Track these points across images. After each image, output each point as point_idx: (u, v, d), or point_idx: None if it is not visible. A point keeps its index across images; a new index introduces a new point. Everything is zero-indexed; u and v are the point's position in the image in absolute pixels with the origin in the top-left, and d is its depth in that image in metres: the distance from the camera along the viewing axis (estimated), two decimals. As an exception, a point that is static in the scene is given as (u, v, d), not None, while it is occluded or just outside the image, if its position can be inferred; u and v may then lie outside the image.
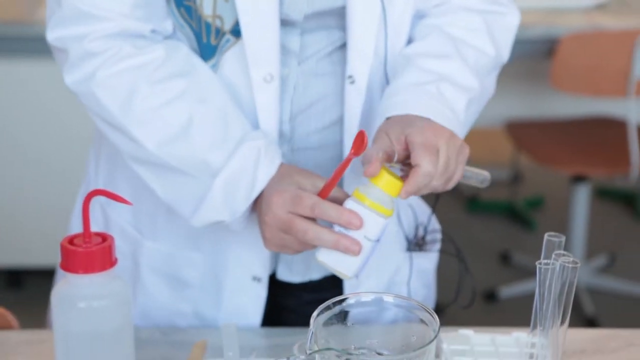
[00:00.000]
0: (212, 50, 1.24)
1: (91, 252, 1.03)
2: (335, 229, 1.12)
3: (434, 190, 1.16)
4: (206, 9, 1.21)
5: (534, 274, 1.06)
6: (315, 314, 0.95)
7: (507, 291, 3.34)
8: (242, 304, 1.33)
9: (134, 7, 1.20)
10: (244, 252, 1.31)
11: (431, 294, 1.47)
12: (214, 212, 1.21)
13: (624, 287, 3.43)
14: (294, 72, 1.27)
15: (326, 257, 1.13)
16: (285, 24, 1.24)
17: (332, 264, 1.13)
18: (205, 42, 1.24)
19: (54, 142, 3.07)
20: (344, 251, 1.12)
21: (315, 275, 1.36)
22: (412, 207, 1.39)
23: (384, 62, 1.28)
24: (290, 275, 1.37)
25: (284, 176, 1.18)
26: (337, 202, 1.15)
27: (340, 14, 1.25)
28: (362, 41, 1.24)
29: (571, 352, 1.26)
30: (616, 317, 3.26)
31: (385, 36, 1.26)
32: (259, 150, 1.20)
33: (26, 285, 3.31)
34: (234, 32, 1.22)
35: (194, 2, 1.21)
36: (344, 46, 1.27)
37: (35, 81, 2.97)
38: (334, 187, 1.14)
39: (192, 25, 1.23)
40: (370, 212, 1.11)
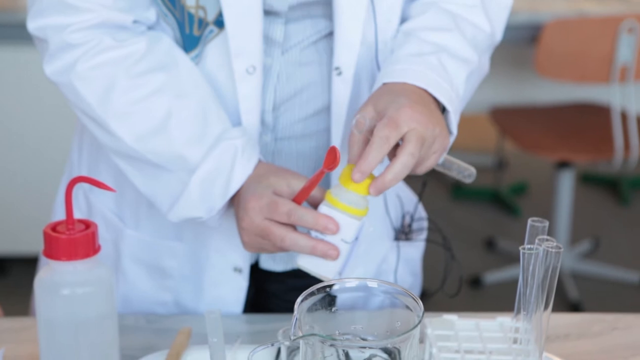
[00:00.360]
0: (195, 41, 1.23)
1: (74, 239, 1.03)
2: (312, 233, 1.12)
3: (402, 171, 1.10)
4: (189, 0, 1.21)
5: (518, 259, 1.06)
6: (299, 299, 0.95)
7: (491, 277, 3.35)
8: (223, 294, 1.33)
9: None
10: (225, 243, 1.30)
11: (417, 281, 1.47)
12: (190, 209, 1.21)
13: (608, 272, 3.45)
14: (277, 61, 1.26)
15: (306, 262, 1.14)
16: (268, 13, 1.23)
17: (312, 268, 1.14)
18: (188, 32, 1.23)
19: (38, 130, 3.05)
20: (322, 256, 1.12)
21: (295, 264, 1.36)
22: (399, 197, 1.39)
23: (375, 53, 1.27)
24: (273, 264, 1.37)
25: (259, 177, 1.17)
26: (315, 202, 1.15)
27: (326, 3, 1.24)
28: (349, 32, 1.23)
29: (555, 336, 1.27)
30: (600, 302, 3.28)
31: (375, 26, 1.25)
32: (236, 148, 1.19)
33: (11, 273, 3.31)
34: (218, 23, 1.21)
35: None
36: (330, 34, 1.26)
37: (18, 68, 2.96)
38: (308, 195, 1.14)
39: (175, 14, 1.22)
40: (344, 215, 1.11)
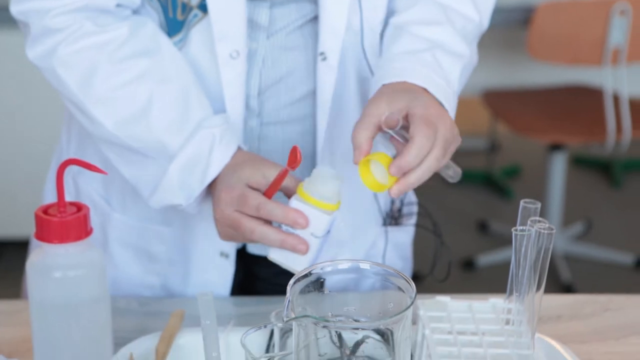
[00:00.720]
0: (179, 25, 1.22)
1: (66, 222, 1.03)
2: (282, 227, 1.12)
3: (425, 174, 1.11)
4: None
5: (510, 242, 1.06)
6: (291, 281, 0.95)
7: (484, 259, 3.36)
8: (209, 279, 1.33)
9: None
10: (212, 228, 1.30)
11: (408, 265, 1.47)
12: (170, 195, 1.21)
13: (600, 254, 3.46)
14: (262, 45, 1.25)
15: (276, 255, 1.14)
16: None
17: (282, 261, 1.14)
18: (171, 16, 1.22)
19: (28, 114, 3.04)
20: (291, 250, 1.12)
21: None
22: None
23: (361, 38, 1.26)
24: (261, 248, 1.37)
25: (235, 167, 1.17)
26: (288, 193, 1.15)
27: None
28: (334, 17, 1.22)
29: (547, 317, 1.27)
30: (592, 283, 3.29)
31: (360, 11, 1.24)
32: (214, 136, 1.19)
33: (4, 256, 3.30)
34: (202, 7, 1.21)
35: None
36: (315, 19, 1.26)
37: (7, 52, 2.94)
38: (277, 190, 1.13)
39: None
40: (315, 210, 1.10)
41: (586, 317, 1.29)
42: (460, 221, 3.69)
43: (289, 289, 0.94)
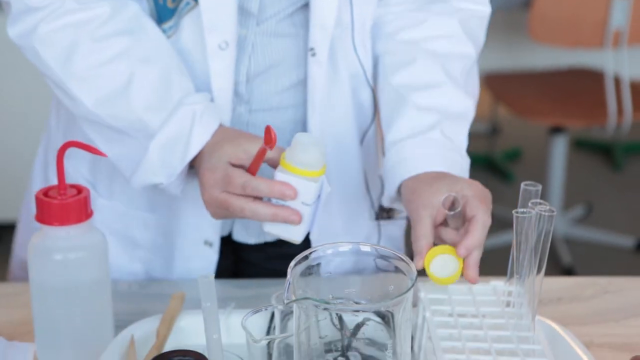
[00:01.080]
0: (169, 12, 1.22)
1: (67, 204, 1.03)
2: (272, 200, 1.12)
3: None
4: None
5: (511, 225, 1.06)
6: (292, 264, 0.95)
7: (485, 242, 3.35)
8: (193, 267, 1.33)
9: None
10: (197, 216, 1.29)
11: None
12: (150, 174, 1.20)
13: (600, 237, 3.47)
14: (252, 32, 1.25)
15: (272, 227, 1.13)
16: None
17: (279, 233, 1.14)
18: (161, 3, 1.21)
19: (16, 95, 3.04)
20: (284, 222, 1.11)
21: (269, 237, 1.35)
22: (381, 177, 1.39)
23: (351, 33, 1.26)
24: (246, 236, 1.36)
25: (215, 146, 1.16)
26: (273, 164, 1.14)
27: None
28: (323, 12, 1.22)
29: (547, 300, 1.27)
30: (592, 266, 3.30)
31: (350, 5, 1.24)
32: (195, 113, 1.17)
33: (3, 239, 3.31)
34: None
35: None
36: (306, 6, 1.25)
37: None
38: (258, 167, 1.13)
39: None
40: (301, 179, 1.10)
41: (586, 300, 1.29)
42: (460, 204, 3.69)
43: (289, 271, 0.95)
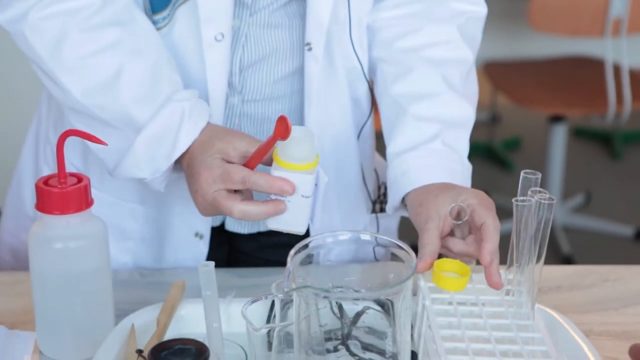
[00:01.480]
0: (164, 3, 1.21)
1: (67, 193, 1.03)
2: (271, 196, 1.10)
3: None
4: None
5: (511, 214, 1.06)
6: (292, 252, 0.95)
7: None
8: (183, 259, 1.33)
9: None
10: (188, 209, 1.28)
11: None
12: (134, 168, 1.19)
13: (600, 226, 3.47)
14: (245, 22, 1.24)
15: (275, 224, 1.13)
16: None
17: (282, 227, 1.13)
18: None
19: (5, 82, 3.05)
20: (275, 215, 1.10)
21: (262, 227, 1.35)
22: (376, 169, 1.39)
23: (349, 29, 1.26)
24: (239, 226, 1.36)
25: (205, 144, 1.15)
26: (266, 161, 1.12)
27: None
28: (319, 8, 1.22)
29: (547, 288, 1.27)
30: (592, 255, 3.30)
31: (347, 2, 1.24)
32: (184, 110, 1.17)
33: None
34: None
35: None
36: None
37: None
38: (261, 160, 1.12)
39: None
40: (296, 174, 1.09)
41: (586, 288, 1.29)
42: (460, 193, 3.69)
43: (289, 259, 0.95)
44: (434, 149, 1.22)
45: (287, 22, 1.26)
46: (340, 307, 0.97)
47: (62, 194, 1.03)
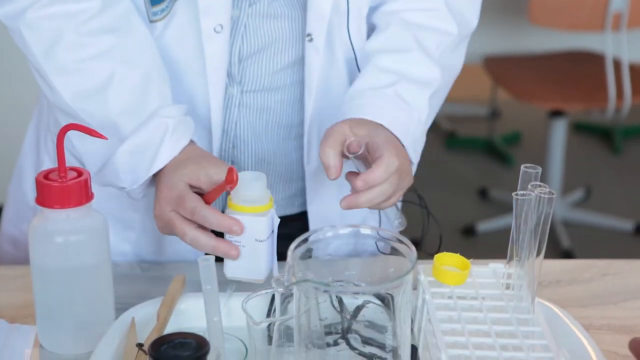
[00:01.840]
0: None
1: (67, 187, 1.03)
2: (226, 236, 1.09)
3: (377, 198, 1.12)
4: None
5: (511, 208, 1.06)
6: (292, 246, 0.96)
7: (484, 226, 3.36)
8: (183, 250, 1.32)
9: None
10: None
11: None
12: (114, 178, 1.19)
13: (600, 221, 3.47)
14: (244, 13, 1.24)
15: (233, 272, 1.11)
16: None
17: (241, 276, 1.11)
18: None
19: (6, 75, 3.05)
20: (224, 256, 1.09)
21: None
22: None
23: (347, 20, 1.26)
24: None
25: (180, 163, 1.15)
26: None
27: None
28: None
29: (547, 282, 1.28)
30: (591, 250, 3.30)
31: None
32: (167, 127, 1.16)
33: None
34: None
35: None
36: None
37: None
38: (214, 200, 1.11)
39: None
40: (249, 216, 1.08)
41: (585, 282, 1.29)
42: (461, 188, 3.69)
43: (289, 253, 0.95)
44: (386, 94, 1.23)
45: (287, 12, 1.26)
46: (340, 301, 0.97)
47: (63, 188, 1.03)
